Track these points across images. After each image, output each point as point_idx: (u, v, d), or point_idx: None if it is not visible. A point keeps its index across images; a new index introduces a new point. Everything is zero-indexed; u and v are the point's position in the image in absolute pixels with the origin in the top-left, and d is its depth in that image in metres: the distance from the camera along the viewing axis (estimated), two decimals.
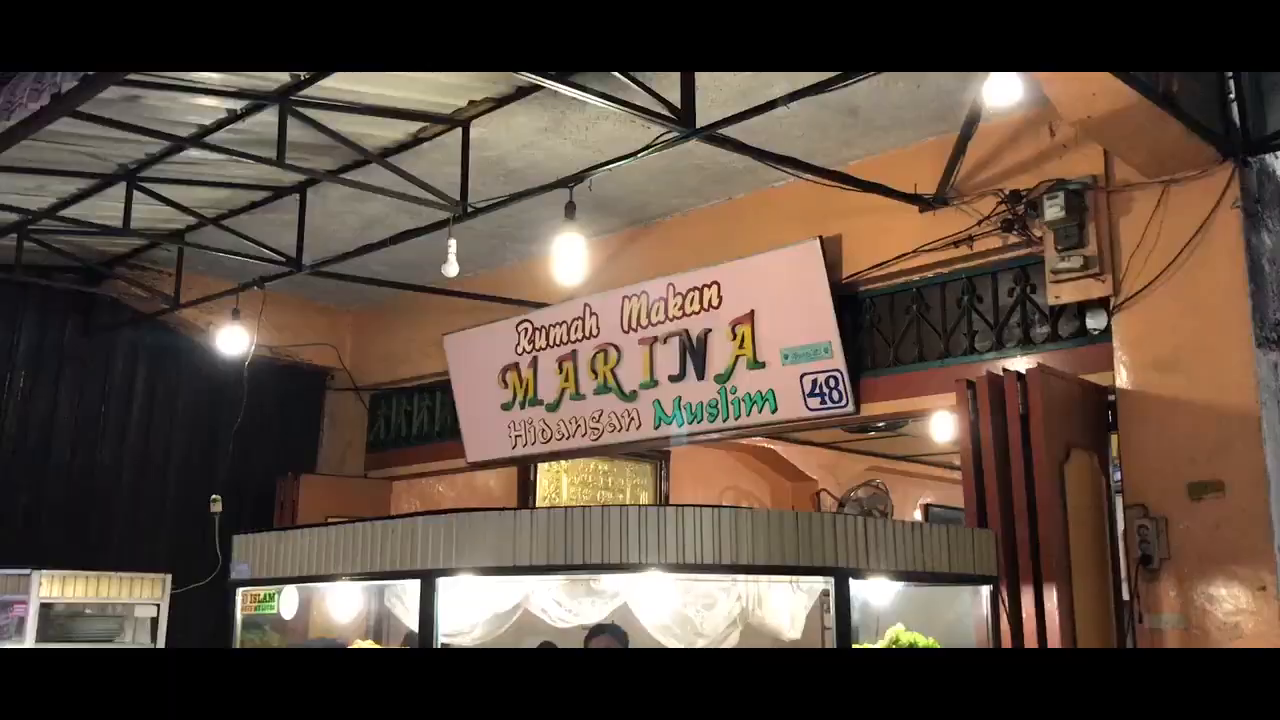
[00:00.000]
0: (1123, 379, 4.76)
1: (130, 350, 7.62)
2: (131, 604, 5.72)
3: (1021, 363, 4.96)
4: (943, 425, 7.76)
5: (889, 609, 4.32)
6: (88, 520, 7.19)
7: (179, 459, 7.67)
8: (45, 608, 5.54)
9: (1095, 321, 5.02)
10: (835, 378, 5.73)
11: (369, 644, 4.37)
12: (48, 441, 7.18)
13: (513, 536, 3.57)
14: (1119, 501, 4.81)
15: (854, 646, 3.74)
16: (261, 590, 4.34)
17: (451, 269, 5.36)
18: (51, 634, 5.60)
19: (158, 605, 5.76)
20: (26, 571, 5.44)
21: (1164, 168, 4.69)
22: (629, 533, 3.51)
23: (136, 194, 5.80)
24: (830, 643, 3.71)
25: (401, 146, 5.57)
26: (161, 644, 5.78)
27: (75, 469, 7.24)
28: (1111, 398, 4.82)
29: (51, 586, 5.44)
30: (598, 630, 4.81)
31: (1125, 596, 4.68)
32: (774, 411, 5.98)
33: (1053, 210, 4.93)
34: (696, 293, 6.22)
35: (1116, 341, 4.82)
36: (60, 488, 7.16)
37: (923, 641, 3.98)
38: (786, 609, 4.34)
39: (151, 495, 7.51)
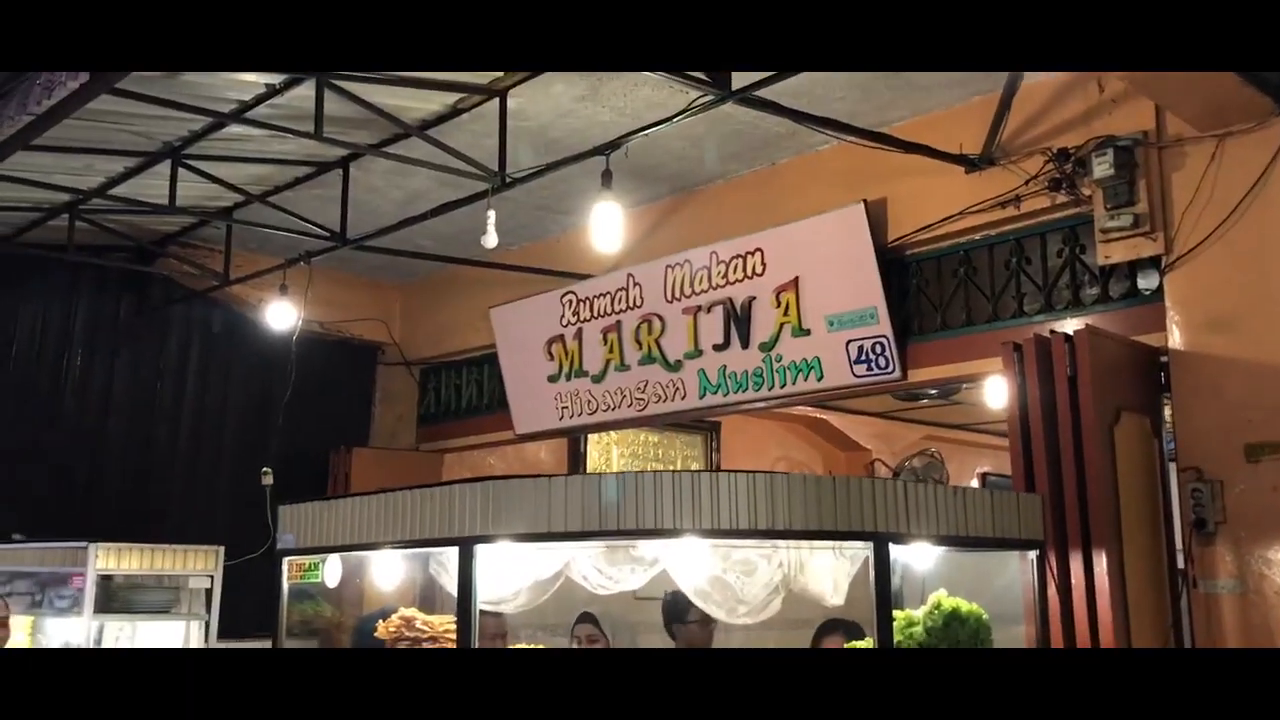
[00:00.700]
0: (1175, 339, 4.64)
1: (183, 327, 7.74)
2: (186, 575, 5.82)
3: (1071, 325, 4.85)
4: (996, 391, 7.63)
5: (933, 574, 4.25)
6: (144, 494, 7.33)
7: (233, 433, 7.79)
8: (104, 580, 5.66)
9: (1146, 281, 4.89)
10: (882, 343, 5.65)
11: (414, 611, 4.40)
12: (105, 418, 7.33)
13: (548, 503, 3.56)
14: (1172, 465, 4.70)
15: (893, 612, 3.68)
16: (306, 559, 4.38)
17: (490, 240, 5.36)
18: (110, 606, 5.72)
19: (211, 577, 5.86)
20: (83, 544, 5.56)
21: (1218, 120, 4.54)
22: (664, 498, 3.49)
23: (182, 171, 5.87)
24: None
25: (440, 119, 5.56)
26: (215, 615, 5.87)
27: (132, 444, 7.38)
28: (1164, 359, 4.70)
29: (108, 559, 5.55)
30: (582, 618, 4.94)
31: (1179, 561, 4.58)
32: (820, 379, 5.92)
33: (1102, 168, 4.81)
34: (740, 260, 6.16)
35: (1169, 301, 4.70)
36: (117, 463, 7.32)
37: (965, 608, 3.91)
38: (829, 575, 4.28)
39: (206, 469, 7.64)
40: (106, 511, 6.98)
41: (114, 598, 5.76)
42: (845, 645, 4.57)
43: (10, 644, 5.95)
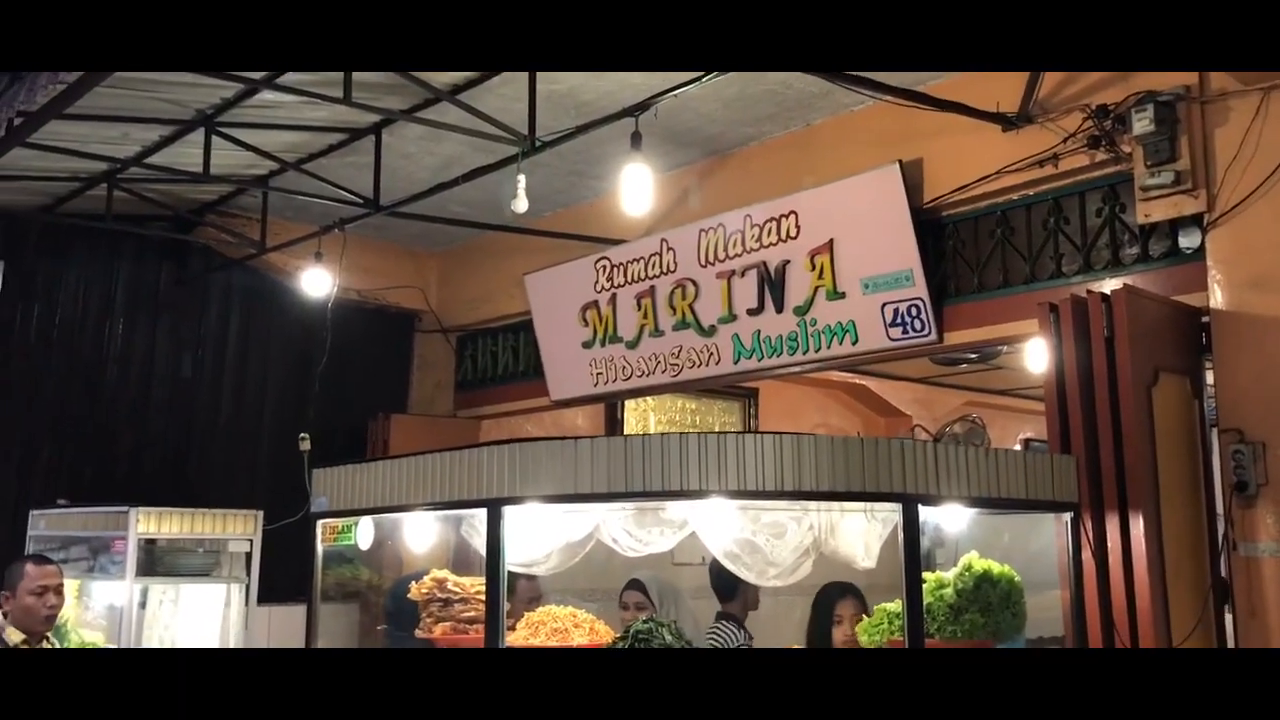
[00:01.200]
0: (1217, 299, 4.54)
1: (223, 295, 7.81)
2: (225, 539, 5.90)
3: (1110, 285, 4.76)
4: (1037, 355, 7.53)
5: (965, 537, 4.22)
6: (186, 460, 7.44)
7: (272, 400, 7.87)
8: (147, 544, 5.75)
9: (1188, 240, 4.78)
10: (917, 306, 5.58)
11: (445, 573, 4.43)
12: (147, 385, 7.43)
13: (574, 464, 3.57)
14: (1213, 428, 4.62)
15: (923, 574, 3.65)
16: (339, 522, 4.43)
17: (520, 204, 5.34)
18: (153, 569, 5.82)
19: (250, 541, 5.93)
20: (125, 509, 5.64)
21: (1263, 73, 4.42)
22: (689, 459, 3.48)
23: (215, 139, 5.90)
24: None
25: (470, 83, 5.54)
26: (255, 578, 5.95)
27: (173, 411, 7.49)
28: (1205, 319, 4.61)
29: (149, 523, 5.63)
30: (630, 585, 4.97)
31: (1219, 525, 4.51)
32: (855, 343, 5.87)
33: (1142, 124, 4.69)
34: (774, 223, 6.11)
35: (1210, 260, 4.59)
36: (159, 429, 7.42)
37: (997, 569, 3.88)
38: (860, 538, 4.26)
39: (246, 435, 7.73)
40: (149, 477, 7.09)
41: (156, 561, 5.86)
42: (855, 610, 4.57)
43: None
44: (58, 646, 4.51)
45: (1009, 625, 3.85)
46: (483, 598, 4.18)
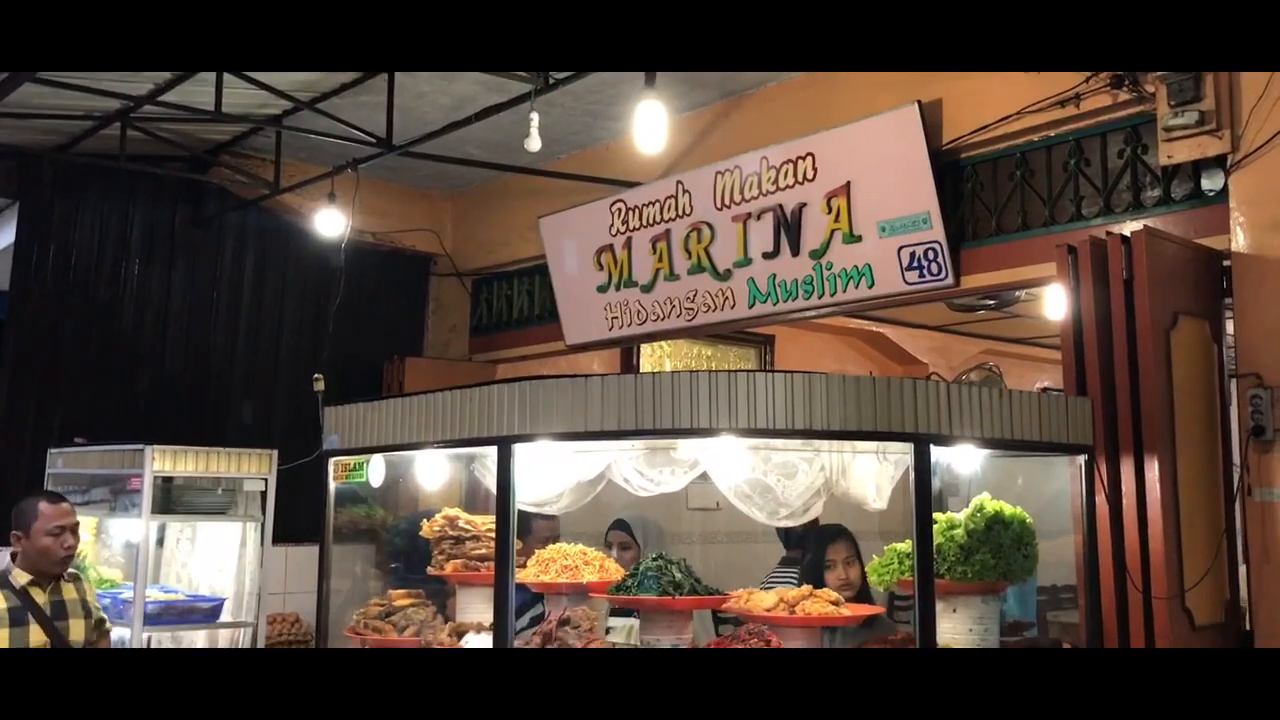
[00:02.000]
0: (1239, 242, 4.47)
1: (238, 237, 7.80)
2: (241, 478, 5.93)
3: (1130, 228, 4.68)
4: (1056, 302, 7.46)
5: (978, 480, 4.20)
6: (202, 399, 7.47)
7: (288, 342, 7.89)
8: (164, 482, 5.78)
9: (1211, 182, 4.71)
10: (935, 249, 5.52)
11: (457, 511, 4.44)
12: (164, 326, 7.45)
13: (585, 402, 3.55)
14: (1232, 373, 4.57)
15: (934, 515, 3.64)
16: (351, 460, 4.44)
17: (534, 143, 5.29)
18: (170, 507, 5.86)
19: (265, 480, 5.96)
20: (140, 447, 5.67)
21: None
22: (700, 397, 3.46)
23: (228, 77, 5.85)
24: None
25: None
26: (270, 517, 5.99)
27: (190, 351, 7.52)
28: (1226, 262, 4.54)
29: (164, 461, 5.66)
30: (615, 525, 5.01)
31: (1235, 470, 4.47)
32: (871, 286, 5.82)
33: None
34: (790, 165, 6.04)
35: (1234, 202, 4.51)
36: (176, 370, 7.46)
37: (1009, 511, 3.86)
38: (872, 479, 4.25)
39: (262, 376, 7.76)
40: (165, 417, 7.13)
41: (173, 500, 5.90)
42: (849, 553, 4.56)
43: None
44: (75, 586, 4.37)
45: (1020, 567, 3.84)
46: (493, 535, 4.20)
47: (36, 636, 4.02)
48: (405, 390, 7.84)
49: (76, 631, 4.25)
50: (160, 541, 6.30)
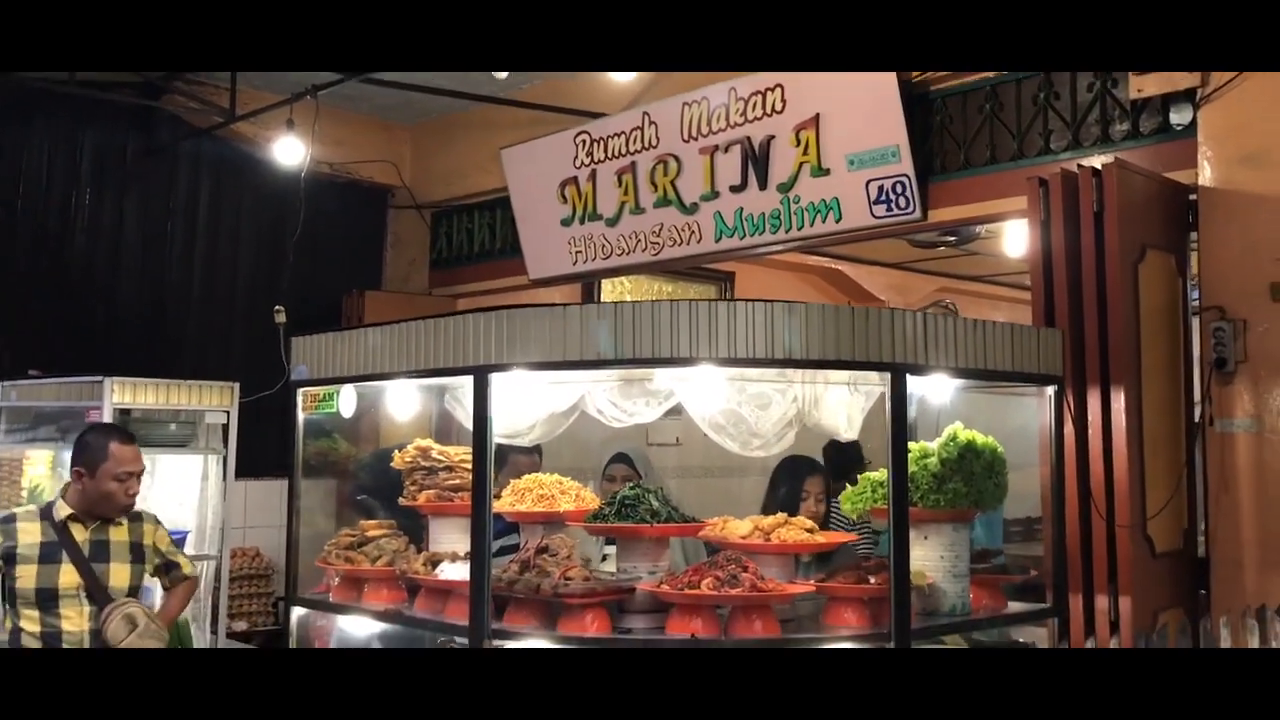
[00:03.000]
0: (1206, 176, 4.52)
1: (192, 166, 7.62)
2: (202, 410, 5.85)
3: (1099, 162, 4.72)
4: (1016, 239, 7.52)
5: (948, 411, 4.24)
6: (159, 332, 7.34)
7: (245, 273, 7.76)
8: (121, 415, 5.68)
9: (1180, 116, 4.74)
10: (903, 183, 5.53)
11: (429, 441, 4.42)
12: (117, 257, 7.28)
13: (563, 331, 3.53)
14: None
15: (909, 444, 3.68)
16: (320, 390, 4.39)
17: (500, 71, 5.20)
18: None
19: (227, 412, 5.88)
20: (99, 379, 5.57)
21: None
22: (680, 327, 3.45)
23: None
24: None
25: None
26: (233, 450, 5.92)
27: (145, 283, 7.36)
28: (1192, 196, 4.59)
29: (124, 393, 5.56)
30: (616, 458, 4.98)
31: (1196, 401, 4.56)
32: (839, 220, 5.82)
33: None
34: (759, 97, 5.99)
35: (1201, 136, 4.55)
36: (131, 301, 7.30)
37: (981, 440, 3.91)
38: (843, 410, 4.28)
39: (219, 308, 7.63)
40: (121, 350, 6.98)
41: (133, 433, 5.79)
42: (822, 487, 4.61)
43: (35, 480, 6.04)
44: (131, 528, 4.05)
45: (991, 495, 3.90)
46: (467, 466, 4.19)
47: (69, 576, 3.75)
48: (364, 323, 7.76)
49: (118, 577, 3.91)
50: None
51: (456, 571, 3.80)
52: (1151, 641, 2.44)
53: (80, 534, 3.85)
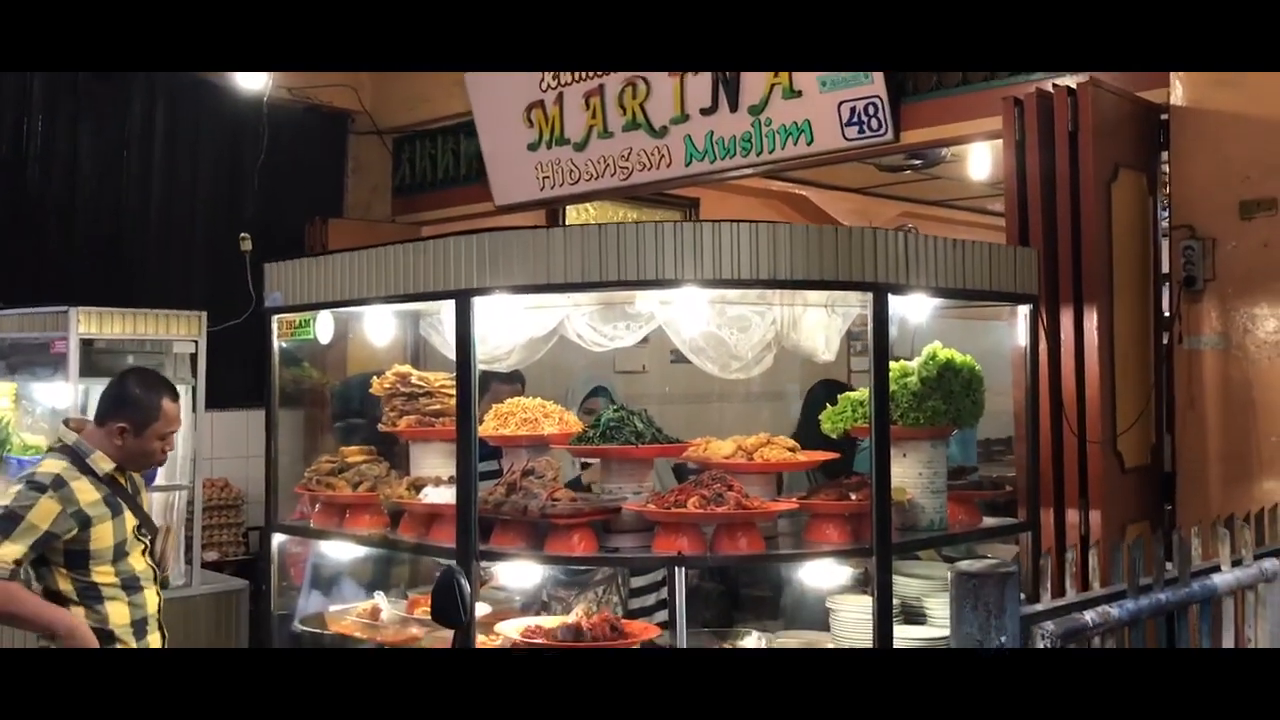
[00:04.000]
0: (1178, 95, 4.55)
1: (146, 91, 7.41)
2: (169, 341, 5.76)
3: (1073, 82, 4.73)
4: (980, 161, 7.57)
5: (924, 333, 4.29)
6: (118, 261, 7.17)
7: (204, 201, 7.58)
8: (85, 345, 5.59)
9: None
10: (875, 104, 5.51)
11: (407, 367, 4.40)
12: (72, 185, 7.08)
13: (547, 253, 3.51)
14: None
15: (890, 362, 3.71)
16: (296, 317, 4.35)
17: None
18: (95, 371, 5.68)
19: (195, 342, 5.80)
20: (64, 309, 5.46)
21: None
22: (664, 248, 3.45)
23: None
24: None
25: None
26: (202, 381, 5.85)
27: (102, 211, 7.17)
28: (1164, 116, 4.63)
29: (89, 323, 5.47)
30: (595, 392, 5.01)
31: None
32: (810, 143, 5.80)
33: None
34: None
35: None
36: (88, 230, 7.13)
37: (959, 359, 3.96)
38: (821, 331, 4.31)
39: (180, 236, 7.47)
40: (79, 279, 6.82)
41: (97, 364, 5.72)
42: None
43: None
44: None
45: (968, 412, 3.96)
46: (447, 391, 4.19)
47: (130, 522, 3.67)
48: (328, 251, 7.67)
49: (148, 509, 3.96)
50: (83, 408, 6.12)
51: (441, 495, 3.81)
52: (1130, 557, 2.51)
53: (123, 479, 3.76)
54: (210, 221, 7.54)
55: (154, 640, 3.66)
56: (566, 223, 8.77)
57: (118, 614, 3.56)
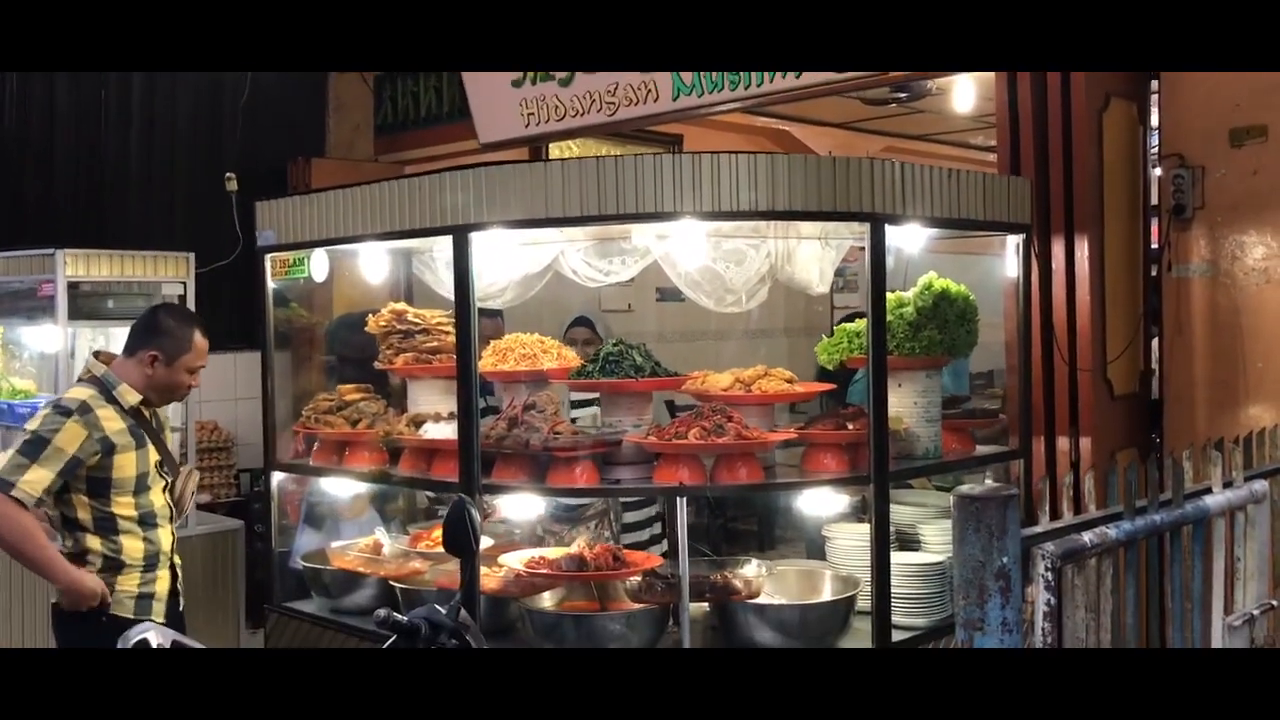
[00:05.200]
0: None
1: None
2: (158, 282, 5.73)
3: None
4: (965, 94, 7.54)
5: (915, 266, 4.31)
6: (102, 204, 7.09)
7: (185, 142, 7.48)
8: (73, 288, 5.54)
9: None
10: None
11: (403, 305, 4.39)
12: (50, 128, 6.98)
13: (545, 187, 3.51)
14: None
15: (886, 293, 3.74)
16: (290, 255, 4.33)
17: None
18: (83, 313, 5.65)
19: (184, 284, 5.76)
20: (50, 251, 5.41)
21: None
22: (663, 180, 3.44)
23: None
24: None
25: None
26: None
27: (82, 153, 7.08)
28: None
29: (77, 266, 5.43)
30: (577, 321, 4.99)
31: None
32: (798, 76, 5.76)
33: None
34: None
35: None
36: (69, 173, 7.03)
37: (954, 288, 3.99)
38: (816, 264, 4.34)
39: (162, 177, 7.38)
40: (61, 222, 6.76)
41: (86, 306, 5.68)
42: None
43: None
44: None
45: (963, 341, 4.00)
46: (444, 329, 4.19)
47: (152, 456, 3.68)
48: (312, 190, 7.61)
49: (171, 447, 4.00)
50: (72, 352, 6.10)
51: (442, 431, 3.83)
52: (1125, 480, 2.56)
53: (147, 413, 3.76)
54: (191, 163, 7.45)
55: (163, 576, 3.68)
56: (549, 160, 8.75)
57: (131, 547, 3.58)
